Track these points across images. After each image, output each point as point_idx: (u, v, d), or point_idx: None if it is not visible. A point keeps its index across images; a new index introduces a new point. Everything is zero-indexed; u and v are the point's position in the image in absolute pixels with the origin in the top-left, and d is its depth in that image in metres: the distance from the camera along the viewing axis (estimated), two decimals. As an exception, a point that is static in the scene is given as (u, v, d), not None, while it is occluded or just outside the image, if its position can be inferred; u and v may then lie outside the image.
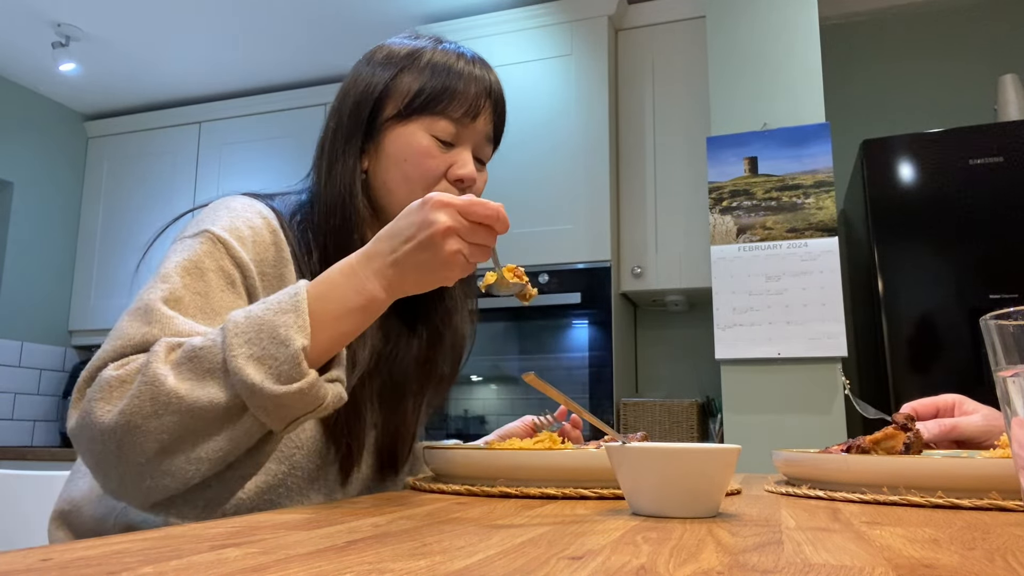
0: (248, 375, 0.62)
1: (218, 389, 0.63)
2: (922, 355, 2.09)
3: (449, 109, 0.86)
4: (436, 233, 0.65)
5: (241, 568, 0.34)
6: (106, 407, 0.63)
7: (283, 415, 0.64)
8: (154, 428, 0.62)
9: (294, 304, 0.65)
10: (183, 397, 0.62)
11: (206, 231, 0.77)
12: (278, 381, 0.62)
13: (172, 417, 0.62)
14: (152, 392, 0.62)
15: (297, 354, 0.63)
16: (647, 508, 0.57)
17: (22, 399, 3.49)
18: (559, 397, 0.69)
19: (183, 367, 0.63)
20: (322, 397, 0.65)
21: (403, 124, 0.86)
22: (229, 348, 0.63)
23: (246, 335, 0.63)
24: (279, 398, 0.62)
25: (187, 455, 0.64)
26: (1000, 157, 2.12)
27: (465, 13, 2.96)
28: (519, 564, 0.36)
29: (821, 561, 0.38)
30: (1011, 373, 0.38)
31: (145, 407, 0.62)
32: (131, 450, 0.63)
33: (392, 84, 0.87)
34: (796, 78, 2.38)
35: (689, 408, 2.51)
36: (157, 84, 3.60)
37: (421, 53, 0.88)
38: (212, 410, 0.63)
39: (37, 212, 3.61)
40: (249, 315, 0.65)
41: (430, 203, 0.66)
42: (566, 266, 2.60)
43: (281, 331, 0.63)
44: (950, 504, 0.64)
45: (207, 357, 0.63)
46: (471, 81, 0.87)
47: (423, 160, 0.85)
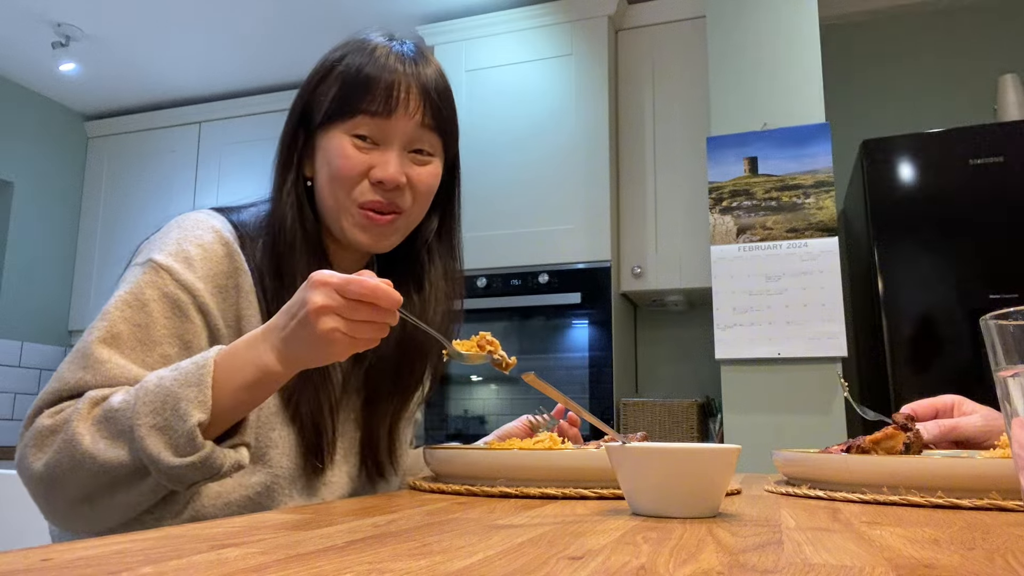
0: (148, 445, 0.66)
1: (125, 452, 0.67)
2: (922, 355, 2.09)
3: (363, 104, 0.84)
4: (310, 312, 0.66)
5: (241, 568, 0.34)
6: (37, 455, 0.70)
7: (182, 481, 0.68)
8: (73, 481, 0.68)
9: (199, 378, 0.68)
10: (95, 457, 0.67)
11: (149, 260, 0.80)
12: (175, 453, 0.66)
13: (87, 473, 0.68)
14: (70, 450, 0.68)
15: (192, 430, 0.66)
16: (647, 508, 0.57)
17: (22, 399, 3.49)
18: (559, 397, 0.69)
19: (100, 426, 0.69)
20: (218, 467, 0.69)
21: (326, 131, 0.87)
22: (136, 415, 0.67)
23: (152, 404, 0.67)
24: (174, 469, 0.66)
25: (103, 503, 0.70)
26: (1000, 157, 2.12)
27: (465, 13, 2.96)
28: (519, 564, 0.36)
29: (821, 561, 0.38)
30: (1011, 373, 0.38)
31: (64, 462, 0.68)
32: (55, 496, 0.70)
33: (315, 93, 0.88)
34: (796, 78, 2.38)
35: (689, 408, 2.51)
36: (157, 84, 3.60)
37: (343, 57, 0.88)
38: (121, 470, 0.68)
39: (37, 212, 3.61)
40: (160, 383, 0.68)
41: (310, 282, 0.67)
42: (566, 266, 2.60)
43: (182, 405, 0.67)
44: (950, 504, 0.64)
45: (120, 420, 0.68)
46: (385, 72, 0.85)
47: (340, 161, 0.85)
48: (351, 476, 0.90)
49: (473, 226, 2.75)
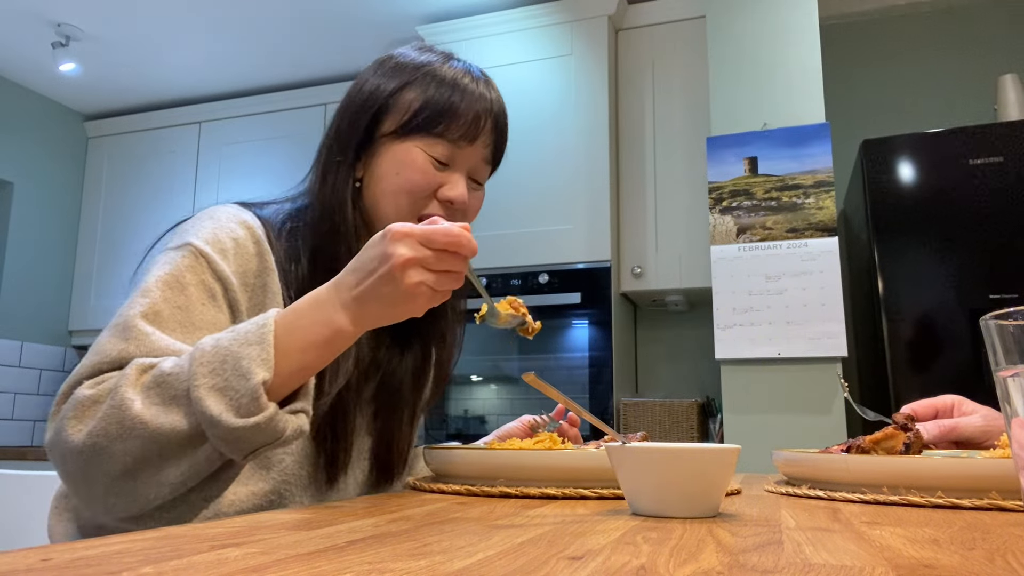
0: (208, 407, 0.62)
1: (181, 417, 0.63)
2: (922, 355, 2.09)
3: (448, 131, 0.85)
4: (395, 266, 0.64)
5: (241, 568, 0.34)
6: (77, 426, 0.65)
7: (241, 447, 0.64)
8: (119, 451, 0.63)
9: (260, 336, 0.65)
10: (147, 423, 0.63)
11: (188, 244, 0.77)
12: (237, 414, 0.63)
13: (136, 441, 0.63)
14: (119, 416, 0.63)
15: (256, 388, 0.63)
16: (647, 508, 0.57)
17: (22, 399, 3.49)
18: (559, 397, 0.69)
19: (151, 392, 0.64)
20: (281, 431, 0.65)
21: (400, 141, 0.86)
22: (193, 377, 0.63)
23: (210, 365, 0.64)
24: (236, 431, 0.63)
25: (149, 479, 0.65)
26: (1000, 157, 2.12)
27: (465, 13, 2.96)
28: (519, 564, 0.36)
29: (821, 561, 0.38)
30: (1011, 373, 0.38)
31: (111, 430, 0.63)
32: (96, 470, 0.64)
33: (394, 98, 0.86)
34: (796, 78, 2.38)
35: (689, 408, 2.51)
36: (157, 84, 3.60)
37: (427, 68, 0.88)
38: (174, 437, 0.63)
39: (37, 212, 3.61)
40: (217, 344, 0.65)
41: (390, 235, 0.65)
42: (566, 266, 2.60)
43: (244, 363, 0.63)
44: (950, 504, 0.64)
45: (173, 384, 0.64)
46: (473, 102, 0.87)
47: (414, 175, 0.84)
48: (360, 482, 0.90)
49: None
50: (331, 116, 0.92)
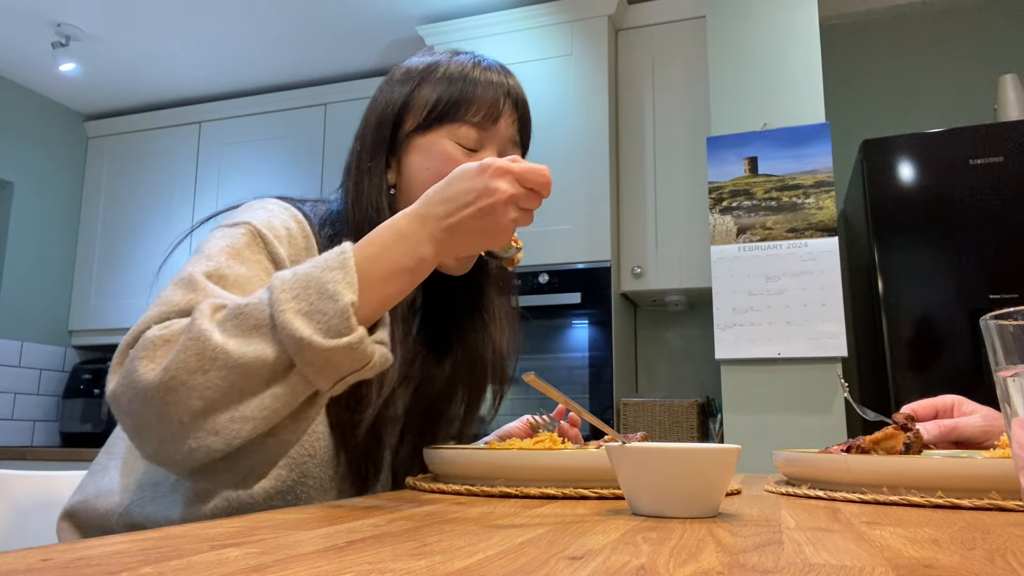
0: (297, 328, 0.60)
1: (265, 345, 0.61)
2: (922, 355, 2.09)
3: (468, 114, 0.86)
4: (499, 202, 0.65)
5: (241, 568, 0.34)
6: (150, 365, 0.61)
7: (330, 372, 0.62)
8: (199, 384, 0.60)
9: (341, 262, 0.64)
10: (230, 352, 0.60)
11: (247, 223, 0.76)
12: (327, 335, 0.60)
13: (218, 373, 0.60)
14: (198, 347, 0.60)
15: (346, 308, 0.61)
16: (647, 508, 0.57)
17: (22, 399, 3.49)
18: (559, 397, 0.69)
19: (228, 323, 0.62)
20: (370, 355, 0.63)
21: (424, 135, 0.86)
22: (277, 304, 0.61)
23: (293, 291, 0.62)
24: (328, 352, 0.60)
25: (232, 413, 0.61)
26: (1000, 157, 2.12)
27: (465, 13, 2.96)
28: (519, 564, 0.36)
29: (821, 561, 0.38)
30: (1011, 373, 0.38)
31: (191, 362, 0.60)
32: (175, 407, 0.60)
33: (411, 98, 0.87)
34: (796, 78, 2.38)
35: (689, 408, 2.51)
36: (157, 84, 3.60)
37: (437, 66, 0.89)
38: (259, 366, 0.61)
39: (37, 212, 3.61)
40: (296, 273, 0.63)
41: (490, 170, 0.66)
42: (566, 266, 2.60)
43: (330, 286, 0.62)
44: (950, 504, 0.64)
45: (253, 314, 0.62)
46: (488, 86, 0.88)
47: (446, 165, 0.83)
48: (374, 488, 0.90)
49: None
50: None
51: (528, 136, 0.95)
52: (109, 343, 3.66)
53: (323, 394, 0.65)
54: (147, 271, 3.57)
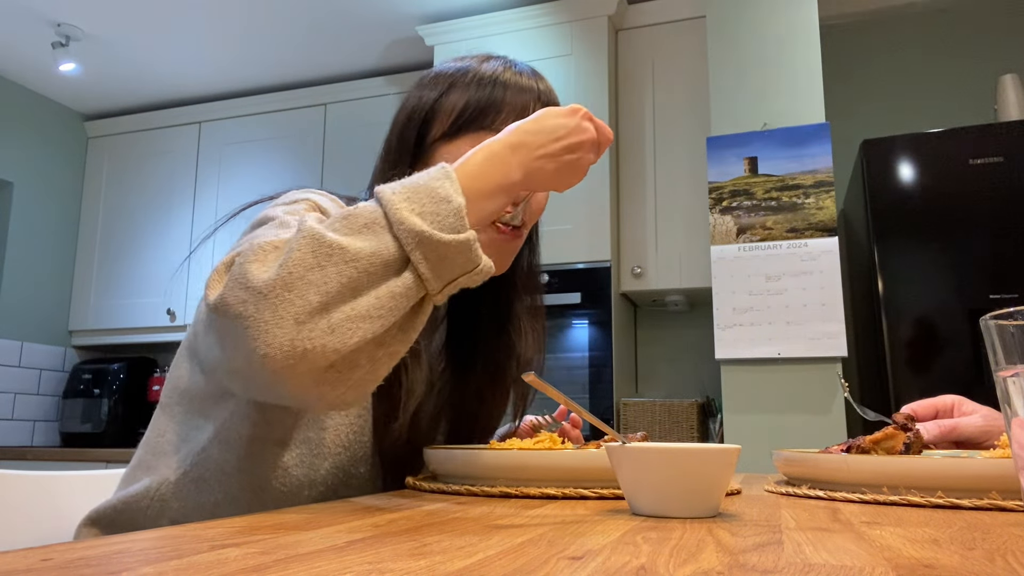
0: (415, 223, 0.60)
1: (381, 240, 0.60)
2: (922, 355, 2.09)
3: (497, 122, 0.85)
4: (587, 142, 0.71)
5: (241, 568, 0.34)
6: (262, 267, 0.59)
7: (444, 271, 0.62)
8: (317, 279, 0.58)
9: (445, 173, 0.65)
10: (346, 248, 0.59)
11: (305, 199, 0.75)
12: (444, 231, 0.61)
13: (335, 268, 0.59)
14: (313, 245, 0.59)
15: (460, 208, 0.62)
16: (647, 508, 0.57)
17: (22, 399, 3.49)
18: (559, 397, 0.69)
19: (338, 223, 0.61)
20: (479, 257, 0.64)
21: (451, 142, 0.85)
22: (390, 204, 0.61)
23: (404, 194, 0.62)
24: (446, 247, 0.61)
25: (349, 311, 0.59)
26: (1000, 157, 2.12)
27: (465, 13, 2.96)
28: (519, 564, 0.36)
29: (821, 561, 0.38)
30: (1011, 373, 0.38)
31: (307, 259, 0.58)
32: (292, 304, 0.58)
33: (438, 103, 0.86)
34: (796, 78, 2.38)
35: (689, 408, 2.51)
36: (157, 84, 3.60)
37: (467, 70, 0.88)
38: (375, 259, 0.60)
39: (37, 212, 3.61)
40: (402, 182, 0.64)
41: (581, 113, 0.72)
42: (566, 266, 2.60)
43: (440, 191, 0.63)
44: (950, 504, 0.64)
45: (363, 215, 0.61)
46: (518, 91, 0.86)
47: None
48: None
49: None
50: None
51: None
52: (109, 343, 3.66)
53: (431, 299, 0.64)
54: (147, 271, 3.57)
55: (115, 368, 3.48)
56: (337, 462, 0.81)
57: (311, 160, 3.39)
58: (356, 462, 0.82)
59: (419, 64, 3.33)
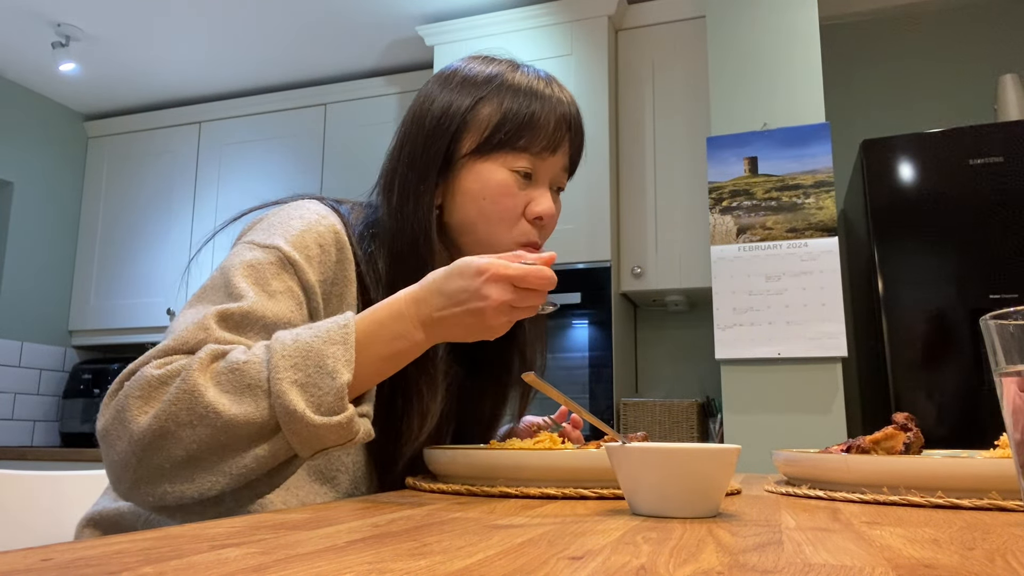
0: (291, 400, 0.62)
1: (256, 406, 0.62)
2: (922, 355, 2.09)
3: (531, 144, 0.84)
4: (488, 308, 0.67)
5: (241, 568, 0.34)
6: (143, 408, 0.62)
7: (315, 444, 0.64)
8: (186, 437, 0.62)
9: (343, 336, 0.65)
10: (220, 412, 0.61)
11: (277, 249, 0.74)
12: (319, 411, 0.62)
13: (206, 429, 0.62)
14: (190, 401, 0.61)
15: (342, 388, 0.63)
16: (647, 508, 0.57)
17: (22, 399, 3.49)
18: (559, 397, 0.69)
19: (223, 379, 0.63)
20: (355, 432, 0.65)
21: (482, 160, 0.83)
22: (275, 369, 0.62)
23: (292, 359, 0.63)
24: (317, 428, 0.62)
25: (212, 467, 0.63)
26: (1000, 157, 2.12)
27: (465, 13, 2.96)
28: (519, 564, 0.36)
29: (821, 561, 0.38)
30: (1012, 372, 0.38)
31: (181, 415, 0.61)
32: (158, 454, 0.62)
33: (471, 114, 0.83)
34: (796, 78, 2.38)
35: (689, 408, 2.51)
36: (157, 84, 3.60)
37: (500, 79, 0.85)
38: (246, 427, 0.62)
39: (37, 212, 3.61)
40: (297, 339, 0.64)
41: (487, 274, 0.67)
42: (566, 266, 2.60)
43: (329, 362, 0.63)
44: (950, 504, 0.64)
45: (250, 372, 0.63)
46: (552, 108, 0.85)
47: (502, 199, 0.83)
48: None
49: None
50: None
51: (580, 154, 0.93)
52: (109, 343, 3.66)
53: (301, 459, 0.66)
54: (147, 271, 3.57)
55: (115, 368, 3.48)
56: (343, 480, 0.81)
57: (311, 160, 3.38)
58: (358, 483, 0.82)
59: (419, 64, 3.33)
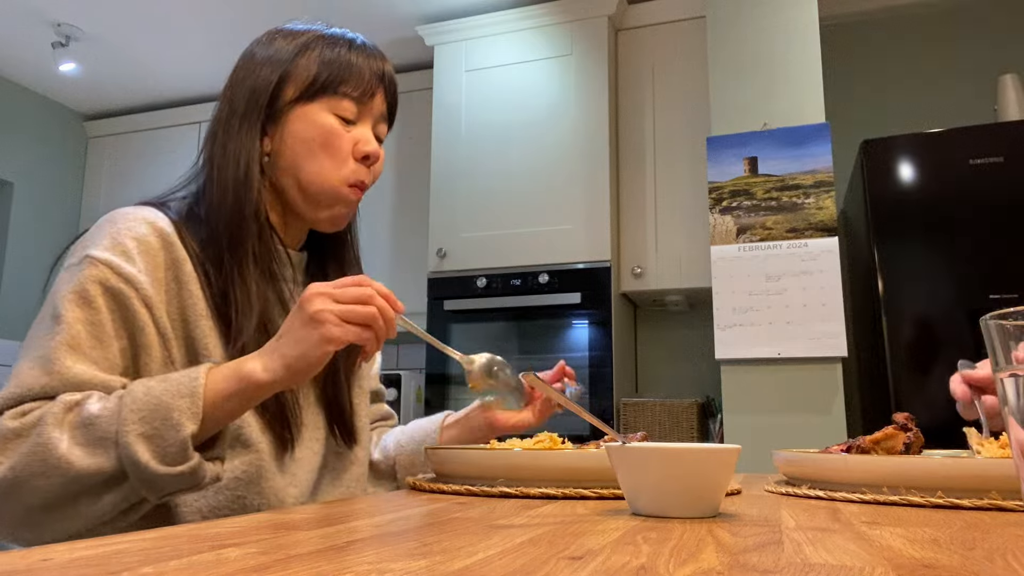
0: (135, 451, 0.65)
1: (106, 459, 0.66)
2: (922, 355, 2.09)
3: (349, 89, 0.88)
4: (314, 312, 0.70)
5: (241, 568, 0.34)
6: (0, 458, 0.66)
7: (162, 490, 0.67)
8: (40, 487, 0.65)
9: (191, 389, 0.68)
10: (72, 464, 0.65)
11: (88, 257, 0.76)
12: (163, 462, 0.66)
13: (59, 480, 0.65)
14: (43, 454, 0.65)
15: (186, 440, 0.66)
16: (647, 508, 0.57)
17: (22, 399, 3.49)
18: (559, 397, 0.69)
19: (77, 432, 0.67)
20: (200, 478, 0.69)
21: (306, 105, 0.88)
22: (123, 422, 0.66)
23: (140, 412, 0.67)
24: (161, 478, 0.66)
25: (64, 513, 0.67)
26: (1000, 157, 2.12)
27: (465, 13, 2.96)
28: (519, 564, 0.36)
29: (821, 561, 0.38)
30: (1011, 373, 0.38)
31: (35, 466, 0.65)
32: (14, 503, 0.66)
33: (292, 64, 0.89)
34: (796, 78, 2.38)
35: (689, 408, 2.51)
36: (157, 84, 3.60)
37: (316, 32, 0.92)
38: (97, 477, 0.66)
39: (37, 212, 3.61)
40: (148, 392, 0.68)
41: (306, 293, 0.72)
42: (566, 266, 2.60)
43: (174, 416, 0.67)
44: (950, 504, 0.64)
45: (101, 426, 0.67)
46: (366, 59, 0.91)
47: (331, 139, 0.87)
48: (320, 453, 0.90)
49: (473, 226, 2.75)
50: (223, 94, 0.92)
51: (395, 111, 0.98)
52: (109, 343, 3.65)
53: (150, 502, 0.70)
54: None
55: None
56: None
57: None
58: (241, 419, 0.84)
59: (419, 64, 3.33)
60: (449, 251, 2.75)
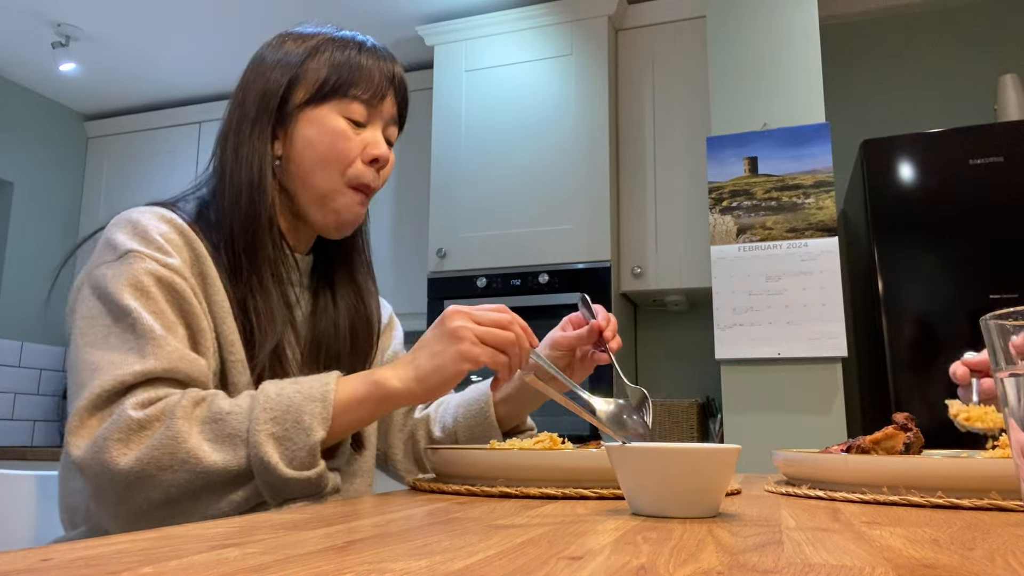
0: (266, 452, 0.65)
1: (233, 456, 0.66)
2: (922, 355, 2.09)
3: (359, 91, 0.88)
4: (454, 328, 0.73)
5: (241, 568, 0.34)
6: (123, 450, 0.65)
7: (285, 494, 0.67)
8: (166, 480, 0.64)
9: (323, 393, 0.68)
10: (200, 459, 0.64)
11: (131, 251, 0.75)
12: (291, 465, 0.66)
13: (185, 474, 0.64)
14: (173, 447, 0.64)
15: (315, 445, 0.66)
16: (647, 508, 0.57)
17: (22, 399, 3.49)
18: (559, 398, 0.70)
19: (206, 427, 0.66)
20: (324, 485, 0.69)
21: (316, 108, 0.88)
22: (255, 421, 0.65)
23: (273, 412, 0.66)
24: (288, 481, 0.65)
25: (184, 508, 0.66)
26: (1000, 157, 2.12)
27: (465, 13, 2.96)
28: (519, 564, 0.36)
29: (821, 561, 0.38)
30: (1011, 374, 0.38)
31: (163, 460, 0.64)
32: (137, 495, 0.65)
33: (302, 68, 0.88)
34: (796, 78, 2.38)
35: (689, 408, 2.51)
36: (157, 84, 3.60)
37: (325, 36, 0.92)
38: (223, 475, 0.65)
39: (37, 212, 3.61)
40: (281, 392, 0.68)
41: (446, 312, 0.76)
42: (566, 266, 2.60)
43: (306, 419, 0.66)
44: (950, 504, 0.64)
45: (231, 422, 0.66)
46: (376, 60, 0.91)
47: (339, 142, 0.87)
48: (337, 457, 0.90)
49: (473, 226, 2.75)
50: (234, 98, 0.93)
51: (406, 114, 0.98)
52: (109, 343, 3.65)
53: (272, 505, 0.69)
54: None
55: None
56: None
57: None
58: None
59: (419, 64, 3.33)
60: (449, 251, 2.75)
